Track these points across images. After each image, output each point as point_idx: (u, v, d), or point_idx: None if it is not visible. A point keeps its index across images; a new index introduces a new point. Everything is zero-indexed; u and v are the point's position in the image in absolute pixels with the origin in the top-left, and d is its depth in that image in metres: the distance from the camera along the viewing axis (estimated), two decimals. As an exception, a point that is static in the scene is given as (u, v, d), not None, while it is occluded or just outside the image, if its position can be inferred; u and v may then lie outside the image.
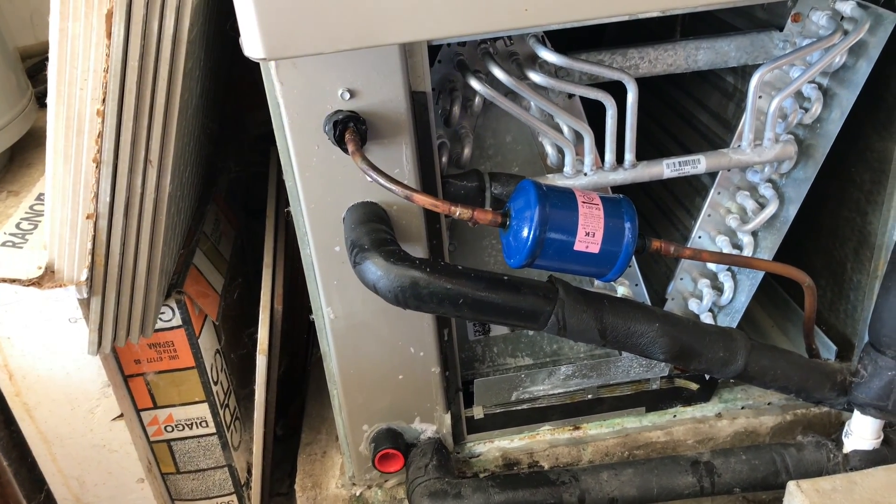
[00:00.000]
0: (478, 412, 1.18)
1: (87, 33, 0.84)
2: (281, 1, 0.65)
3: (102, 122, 0.89)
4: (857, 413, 1.04)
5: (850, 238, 1.18)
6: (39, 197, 1.18)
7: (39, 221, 1.11)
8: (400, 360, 1.06)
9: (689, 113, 1.26)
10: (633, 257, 1.10)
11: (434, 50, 0.96)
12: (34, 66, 1.60)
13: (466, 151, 1.02)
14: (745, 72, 1.10)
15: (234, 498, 1.32)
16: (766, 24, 1.06)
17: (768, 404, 1.23)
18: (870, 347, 1.01)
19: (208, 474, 1.29)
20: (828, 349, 1.22)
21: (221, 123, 1.48)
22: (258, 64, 0.83)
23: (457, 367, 1.12)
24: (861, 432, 1.05)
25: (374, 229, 0.89)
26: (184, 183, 1.13)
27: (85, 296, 0.99)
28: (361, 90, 0.86)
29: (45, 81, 0.93)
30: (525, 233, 0.82)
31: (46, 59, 0.88)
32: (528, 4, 0.66)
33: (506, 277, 0.87)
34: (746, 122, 1.02)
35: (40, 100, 1.39)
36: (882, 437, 1.06)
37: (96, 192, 0.92)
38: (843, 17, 0.99)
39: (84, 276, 0.97)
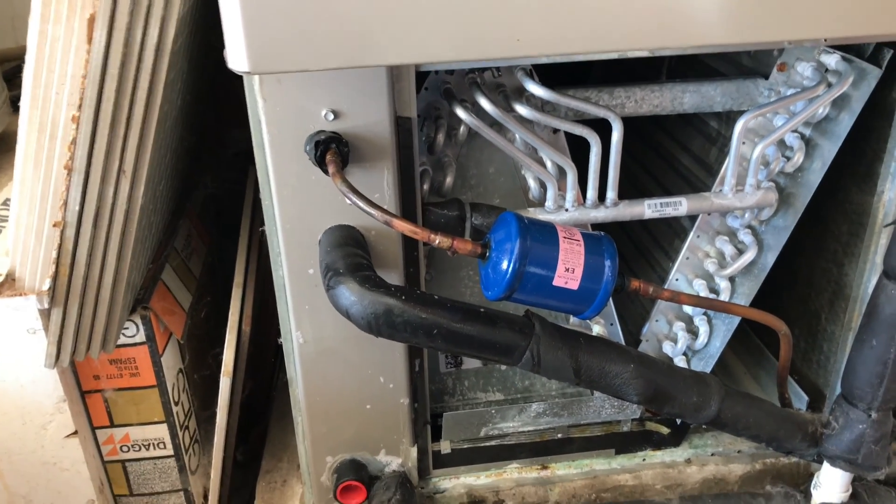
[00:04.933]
0: (445, 447, 1.16)
1: (67, 37, 0.82)
2: (270, 14, 0.63)
3: (77, 128, 0.86)
4: (826, 465, 1.03)
5: (826, 289, 1.18)
6: (6, 203, 1.14)
7: (3, 227, 1.07)
8: (369, 389, 1.03)
9: (671, 155, 1.26)
10: (611, 296, 1.10)
11: (421, 76, 0.95)
12: (11, 70, 1.57)
13: (449, 180, 1.01)
14: (728, 117, 1.11)
15: (188, 524, 1.27)
16: (752, 71, 1.07)
17: (738, 452, 1.22)
18: (842, 399, 1.00)
19: (163, 498, 1.24)
20: (799, 399, 1.22)
21: (200, 137, 1.45)
22: (241, 79, 0.81)
23: (426, 399, 1.09)
24: (830, 485, 1.04)
25: (350, 253, 0.87)
26: (157, 196, 1.11)
27: (46, 306, 0.96)
28: (346, 112, 0.85)
29: (20, 85, 0.91)
30: (504, 265, 0.81)
31: (24, 62, 0.86)
32: (521, 35, 0.65)
33: (482, 310, 0.85)
34: (729, 167, 1.02)
35: (14, 104, 1.36)
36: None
37: (65, 199, 0.89)
38: (827, 70, 1.00)
39: (46, 285, 0.94)
